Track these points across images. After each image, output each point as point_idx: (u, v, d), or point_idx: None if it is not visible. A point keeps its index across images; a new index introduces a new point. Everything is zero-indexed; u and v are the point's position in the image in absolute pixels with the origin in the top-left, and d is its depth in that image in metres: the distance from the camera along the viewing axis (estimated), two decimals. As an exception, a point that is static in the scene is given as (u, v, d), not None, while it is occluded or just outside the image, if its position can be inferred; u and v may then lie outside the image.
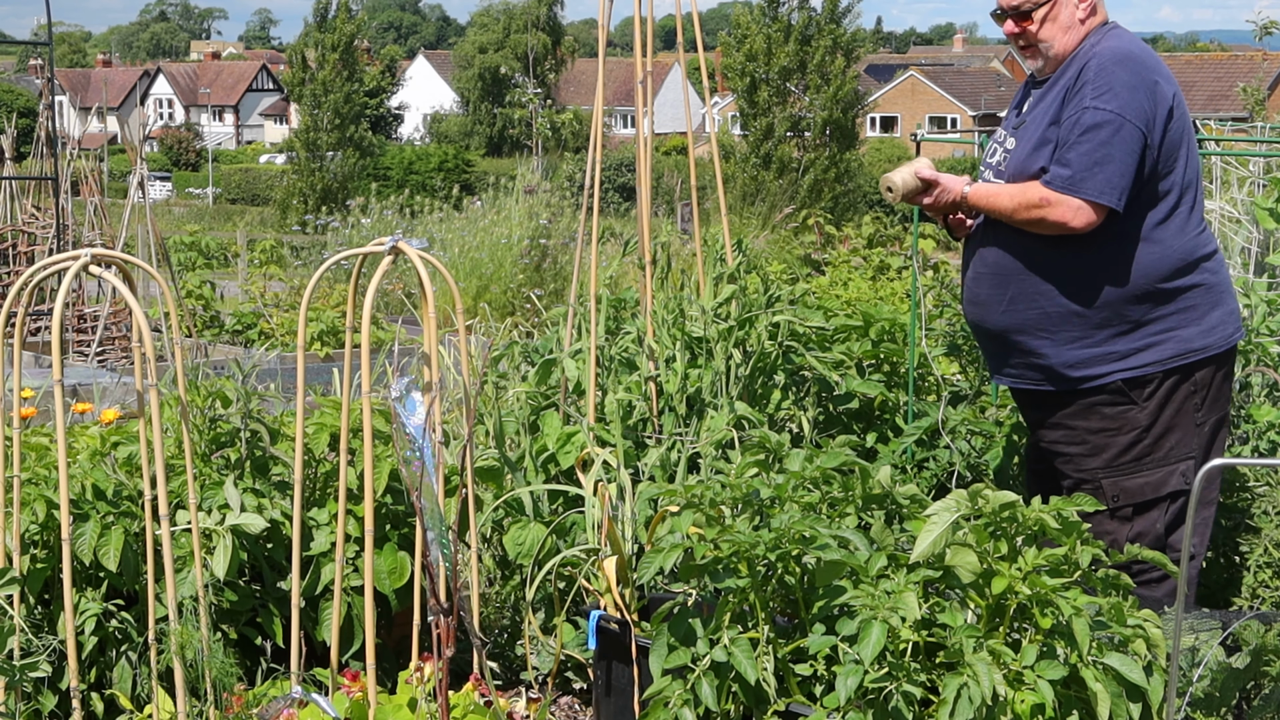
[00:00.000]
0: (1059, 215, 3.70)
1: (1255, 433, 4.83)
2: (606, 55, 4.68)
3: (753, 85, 34.11)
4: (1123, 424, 3.81)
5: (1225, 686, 3.27)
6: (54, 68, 11.31)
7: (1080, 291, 3.78)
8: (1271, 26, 12.26)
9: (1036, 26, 3.82)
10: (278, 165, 55.19)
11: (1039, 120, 3.82)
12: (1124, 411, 3.80)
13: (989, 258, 3.91)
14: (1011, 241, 3.84)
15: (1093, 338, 3.79)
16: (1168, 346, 3.78)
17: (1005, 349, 3.94)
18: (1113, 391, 3.80)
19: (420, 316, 4.07)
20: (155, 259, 11.70)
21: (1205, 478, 3.75)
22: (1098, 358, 3.79)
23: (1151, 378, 3.78)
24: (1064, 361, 3.82)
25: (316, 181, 39.17)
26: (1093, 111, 3.67)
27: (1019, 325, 3.86)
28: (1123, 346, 3.78)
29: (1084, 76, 3.73)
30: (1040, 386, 3.90)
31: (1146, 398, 3.79)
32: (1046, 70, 3.88)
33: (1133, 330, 3.77)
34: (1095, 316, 3.78)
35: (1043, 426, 3.96)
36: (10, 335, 3.62)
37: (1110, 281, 3.76)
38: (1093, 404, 3.83)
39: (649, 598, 3.81)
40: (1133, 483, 3.81)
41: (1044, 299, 3.81)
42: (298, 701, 3.51)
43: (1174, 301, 3.78)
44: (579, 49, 69.64)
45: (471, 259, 14.64)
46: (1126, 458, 3.81)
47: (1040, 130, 3.79)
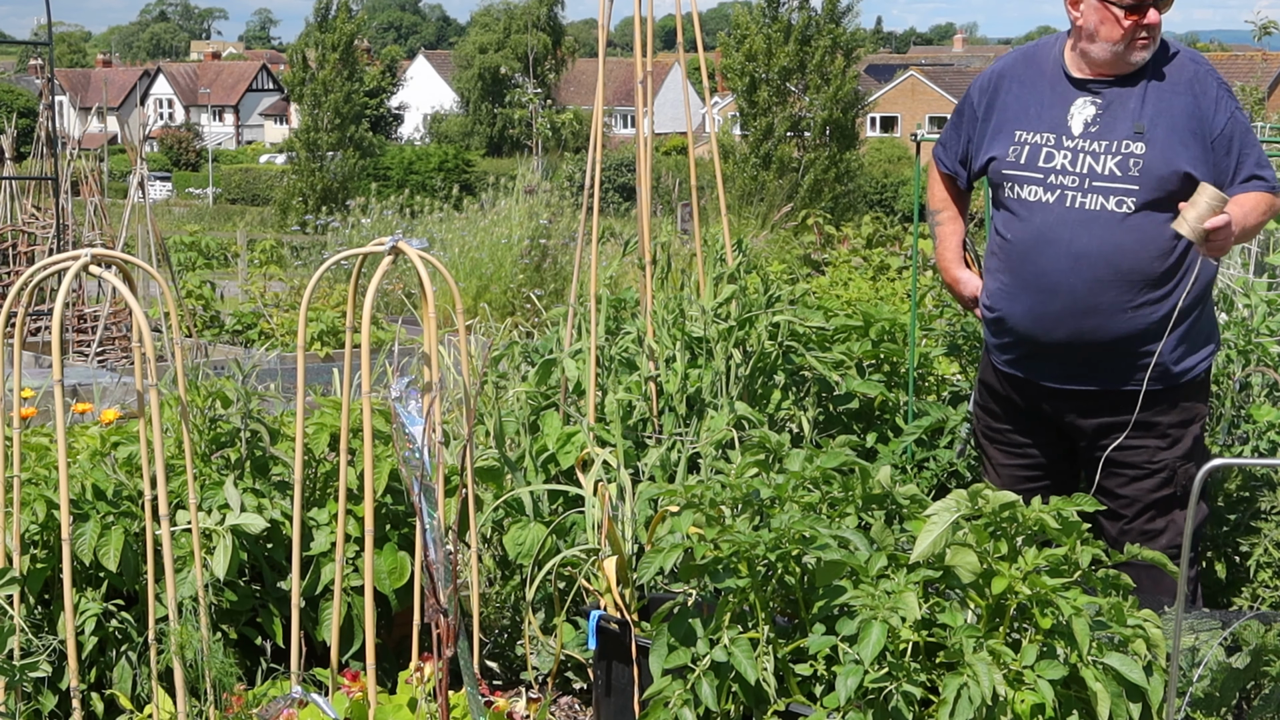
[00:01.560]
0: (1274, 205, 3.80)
1: (1255, 433, 4.83)
2: (606, 55, 4.68)
3: (752, 85, 34.12)
4: (1195, 415, 3.91)
5: (1225, 686, 3.27)
6: (54, 68, 11.31)
7: (1193, 285, 3.78)
8: (1270, 27, 12.27)
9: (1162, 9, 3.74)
10: (278, 165, 55.20)
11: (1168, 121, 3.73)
12: (1198, 402, 3.91)
13: (1122, 263, 3.74)
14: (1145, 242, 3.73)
15: (1191, 332, 3.83)
16: (1214, 332, 3.92)
17: (1112, 356, 3.83)
18: (1198, 383, 3.89)
19: (420, 316, 4.07)
20: (155, 259, 11.70)
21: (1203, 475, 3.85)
22: (1193, 349, 3.85)
23: (1213, 363, 3.93)
24: (1174, 359, 3.82)
25: (316, 181, 39.19)
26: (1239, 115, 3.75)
27: (1143, 328, 3.78)
28: (1202, 335, 3.87)
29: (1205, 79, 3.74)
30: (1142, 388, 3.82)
31: (1210, 384, 3.95)
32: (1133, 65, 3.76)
33: (1205, 319, 3.88)
34: (1196, 308, 3.82)
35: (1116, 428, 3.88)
36: (10, 335, 3.62)
37: (1207, 271, 3.82)
38: (1178, 398, 3.87)
39: (649, 598, 3.81)
40: (1195, 470, 3.85)
41: (1169, 298, 3.76)
42: (298, 701, 3.51)
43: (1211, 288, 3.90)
44: (579, 49, 69.67)
45: (471, 259, 14.64)
46: (1197, 447, 3.91)
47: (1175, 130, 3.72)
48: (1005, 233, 3.91)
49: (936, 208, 4.22)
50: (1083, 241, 3.76)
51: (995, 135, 3.93)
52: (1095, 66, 3.80)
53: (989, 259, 4.01)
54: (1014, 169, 3.87)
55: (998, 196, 3.96)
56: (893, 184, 42.85)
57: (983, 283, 4.05)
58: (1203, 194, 3.61)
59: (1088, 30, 3.77)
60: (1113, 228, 3.74)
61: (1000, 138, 3.91)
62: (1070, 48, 3.87)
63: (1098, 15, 3.74)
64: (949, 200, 4.20)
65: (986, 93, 3.99)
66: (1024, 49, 4.07)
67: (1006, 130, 3.91)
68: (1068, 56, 3.87)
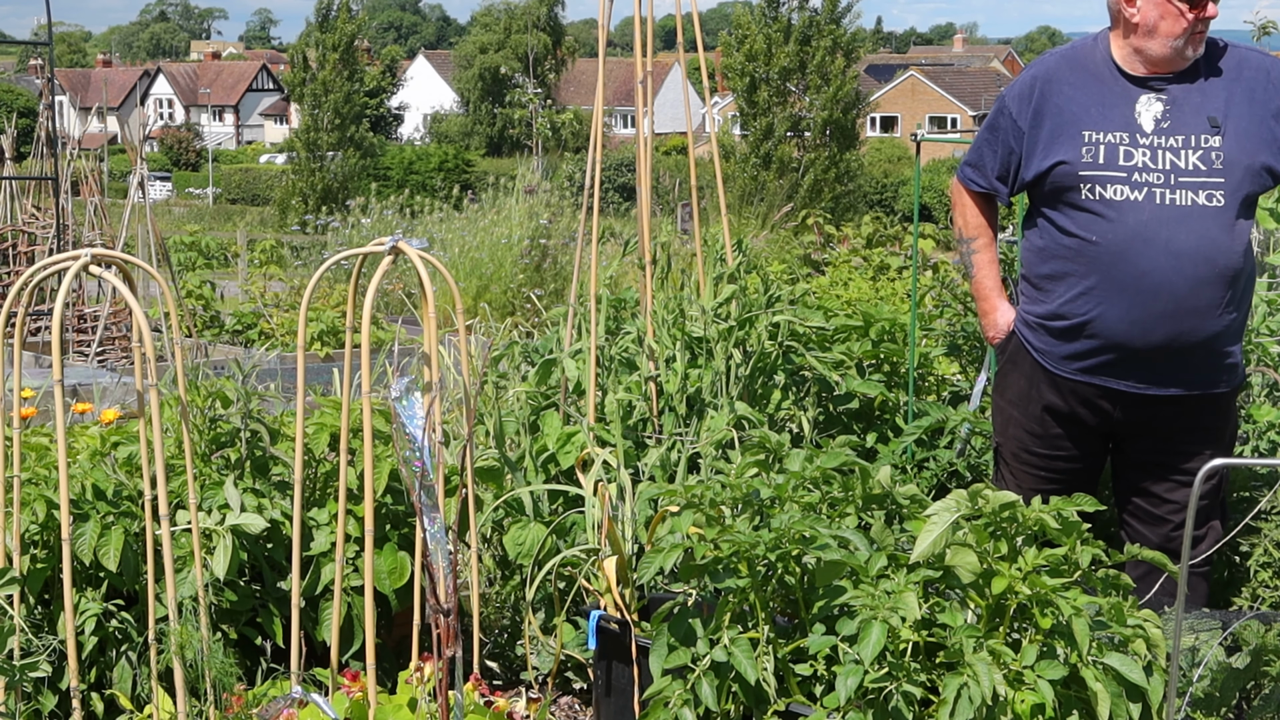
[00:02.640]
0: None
1: (1255, 433, 4.83)
2: (606, 55, 4.68)
3: (753, 85, 34.14)
4: (1233, 413, 3.91)
5: (1225, 686, 3.27)
6: (54, 68, 11.31)
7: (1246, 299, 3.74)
8: (1270, 27, 12.26)
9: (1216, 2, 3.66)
10: (278, 165, 55.21)
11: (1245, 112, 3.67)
12: (1235, 405, 3.90)
13: (1219, 261, 3.63)
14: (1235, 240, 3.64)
15: (1242, 334, 3.80)
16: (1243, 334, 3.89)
17: (1200, 358, 3.73)
18: (1241, 386, 3.88)
19: (420, 316, 4.07)
20: (155, 259, 11.70)
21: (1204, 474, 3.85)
22: (1240, 351, 3.83)
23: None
24: (1238, 359, 3.80)
25: (317, 181, 39.20)
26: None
27: (1228, 327, 3.71)
28: (1244, 341, 3.86)
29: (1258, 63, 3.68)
30: (1214, 390, 3.76)
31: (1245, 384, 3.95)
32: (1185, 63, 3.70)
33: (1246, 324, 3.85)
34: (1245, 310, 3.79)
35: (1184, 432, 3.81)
36: (10, 335, 3.62)
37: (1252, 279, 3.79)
38: (1227, 403, 3.85)
39: (649, 598, 3.81)
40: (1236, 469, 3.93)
41: (1248, 296, 3.73)
42: (298, 701, 3.51)
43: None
44: (579, 49, 69.67)
45: (471, 259, 14.65)
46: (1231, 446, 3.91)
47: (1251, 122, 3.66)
48: (1088, 235, 3.72)
49: (972, 234, 4.01)
50: (1181, 239, 3.63)
51: (1056, 139, 3.77)
52: (1152, 64, 3.71)
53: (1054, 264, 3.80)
54: (1092, 169, 3.71)
55: (1068, 200, 3.77)
56: (893, 184, 42.86)
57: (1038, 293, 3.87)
58: None
59: (1146, 26, 3.67)
60: (1208, 223, 3.62)
61: (1064, 141, 3.75)
62: (1119, 46, 3.77)
63: (1158, 10, 3.65)
64: (984, 226, 4.01)
65: (1029, 100, 3.82)
66: (1059, 52, 3.93)
67: (1070, 132, 3.75)
68: (1118, 55, 3.76)
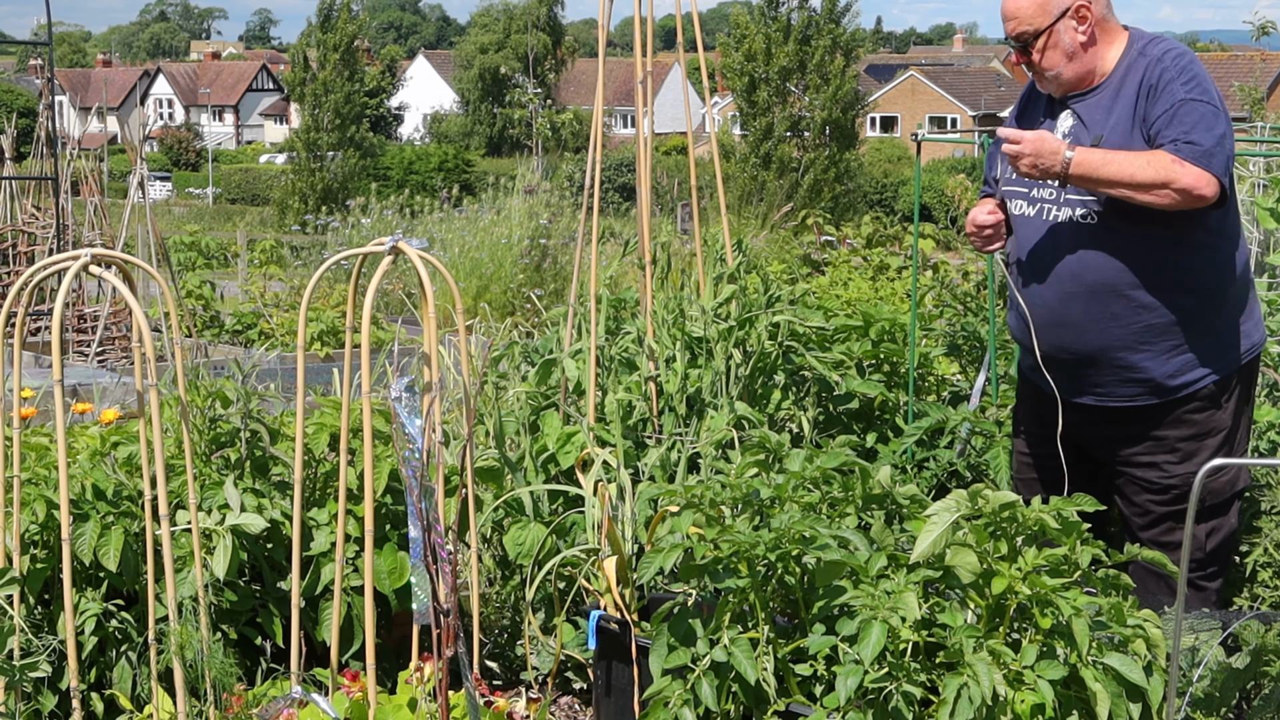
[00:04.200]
0: (1191, 180, 3.58)
1: (1255, 433, 4.83)
2: (606, 55, 4.68)
3: (752, 85, 34.14)
4: (1211, 428, 3.84)
5: (1225, 686, 3.27)
6: (54, 68, 11.31)
7: (1178, 299, 3.74)
8: (1269, 27, 12.26)
9: (1038, 56, 3.82)
10: (278, 165, 55.19)
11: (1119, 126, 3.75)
12: (1211, 415, 3.83)
13: (1086, 277, 3.77)
14: (1112, 254, 3.74)
15: (1189, 344, 3.77)
16: (1244, 343, 3.85)
17: (1095, 369, 3.84)
18: (1204, 397, 3.81)
19: (420, 316, 4.07)
20: (155, 259, 11.70)
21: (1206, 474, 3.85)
22: (1192, 363, 3.78)
23: (1231, 377, 3.83)
24: (1165, 373, 3.78)
25: (317, 181, 39.19)
26: (1193, 103, 3.65)
27: (1118, 342, 3.78)
28: (1211, 348, 3.79)
29: (1163, 75, 3.71)
30: (1134, 402, 3.83)
31: (1228, 398, 3.84)
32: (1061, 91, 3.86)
33: (1219, 331, 3.80)
34: (1191, 321, 3.76)
35: (1123, 440, 3.89)
36: (10, 335, 3.62)
37: (1201, 284, 3.76)
38: (1184, 411, 3.82)
39: (649, 598, 3.81)
40: (1218, 483, 3.86)
41: (1145, 311, 3.75)
42: (298, 701, 3.51)
43: (1239, 297, 3.84)
44: (579, 49, 69.67)
45: (471, 259, 14.64)
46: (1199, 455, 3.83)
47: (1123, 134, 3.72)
48: (1008, 249, 3.98)
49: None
50: (1054, 254, 3.81)
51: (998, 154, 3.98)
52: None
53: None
54: (1008, 185, 3.94)
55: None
56: (892, 184, 42.83)
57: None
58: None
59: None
60: (1079, 239, 3.77)
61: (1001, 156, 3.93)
62: None
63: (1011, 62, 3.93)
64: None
65: (1014, 113, 4.08)
66: None
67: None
68: None
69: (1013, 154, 3.70)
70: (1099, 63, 3.82)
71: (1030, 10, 3.79)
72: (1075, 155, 3.64)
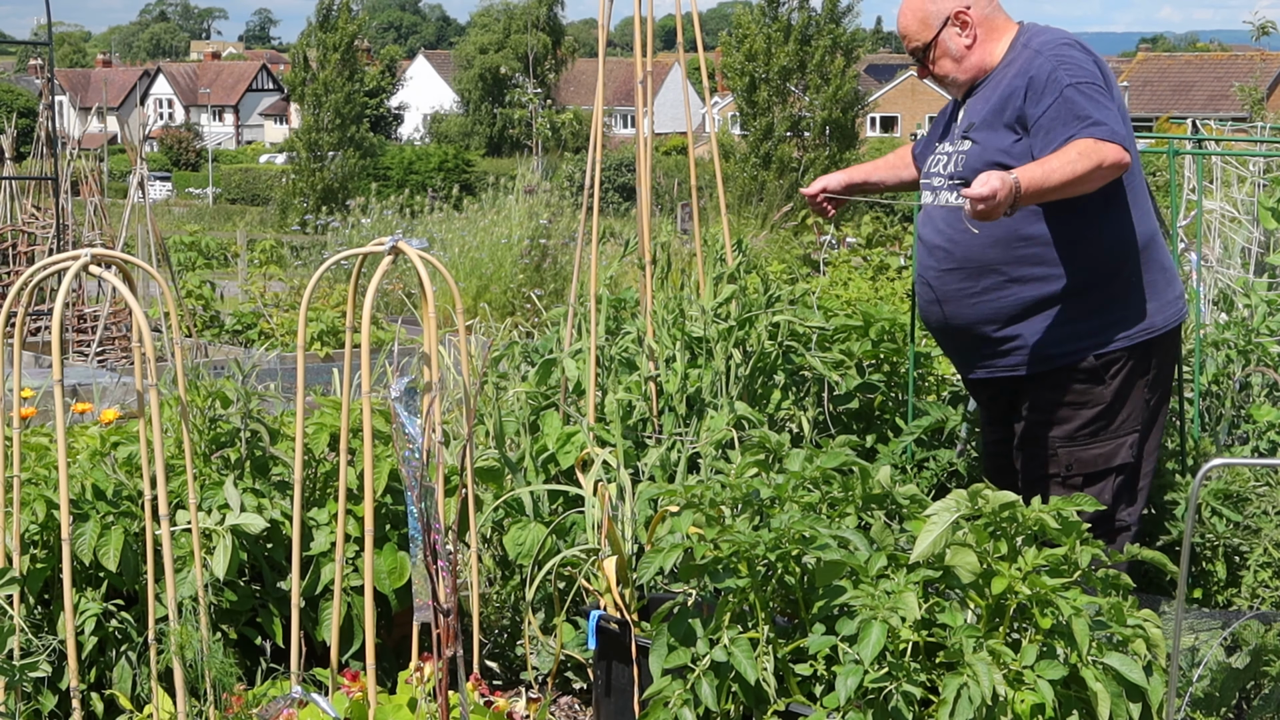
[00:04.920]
0: (1115, 155, 3.71)
1: (1255, 433, 4.83)
2: (606, 55, 4.68)
3: (752, 85, 34.15)
4: (1088, 399, 3.96)
5: (1225, 686, 3.27)
6: (54, 68, 11.31)
7: (1051, 275, 3.89)
8: (1269, 27, 12.25)
9: (933, 66, 4.07)
10: (278, 165, 55.19)
11: (992, 117, 3.94)
12: (1091, 388, 3.95)
13: (957, 252, 3.97)
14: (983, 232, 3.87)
15: (1064, 318, 3.91)
16: (1134, 323, 3.94)
17: (976, 342, 4.03)
18: (1084, 369, 3.94)
19: (420, 316, 4.07)
20: (155, 259, 11.70)
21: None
22: (1069, 336, 3.92)
23: (1119, 354, 3.93)
24: (1039, 344, 3.93)
25: (317, 181, 39.20)
26: (1077, 86, 3.79)
27: (992, 315, 3.95)
28: (1096, 324, 3.92)
29: (1042, 68, 3.86)
30: (1014, 373, 4.00)
31: (1113, 375, 3.94)
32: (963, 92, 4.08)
33: (1104, 309, 3.92)
34: (1069, 299, 3.90)
35: (1013, 413, 4.08)
36: (10, 335, 3.62)
37: (1079, 262, 3.88)
38: (1063, 381, 3.96)
39: (649, 598, 3.81)
40: (1087, 454, 3.97)
41: (1016, 286, 3.91)
42: (298, 701, 3.51)
43: (1137, 280, 3.94)
44: (579, 49, 69.65)
45: (471, 259, 14.64)
46: (1085, 431, 3.97)
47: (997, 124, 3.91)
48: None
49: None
50: (937, 235, 4.04)
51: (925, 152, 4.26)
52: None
53: None
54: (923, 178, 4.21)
55: None
56: (893, 184, 42.70)
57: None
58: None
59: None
60: (954, 220, 3.94)
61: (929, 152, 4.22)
62: None
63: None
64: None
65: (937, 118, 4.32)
66: None
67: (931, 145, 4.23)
68: None
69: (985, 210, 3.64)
70: (987, 59, 4.02)
71: (916, 27, 4.04)
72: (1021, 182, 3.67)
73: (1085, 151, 3.69)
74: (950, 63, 4.03)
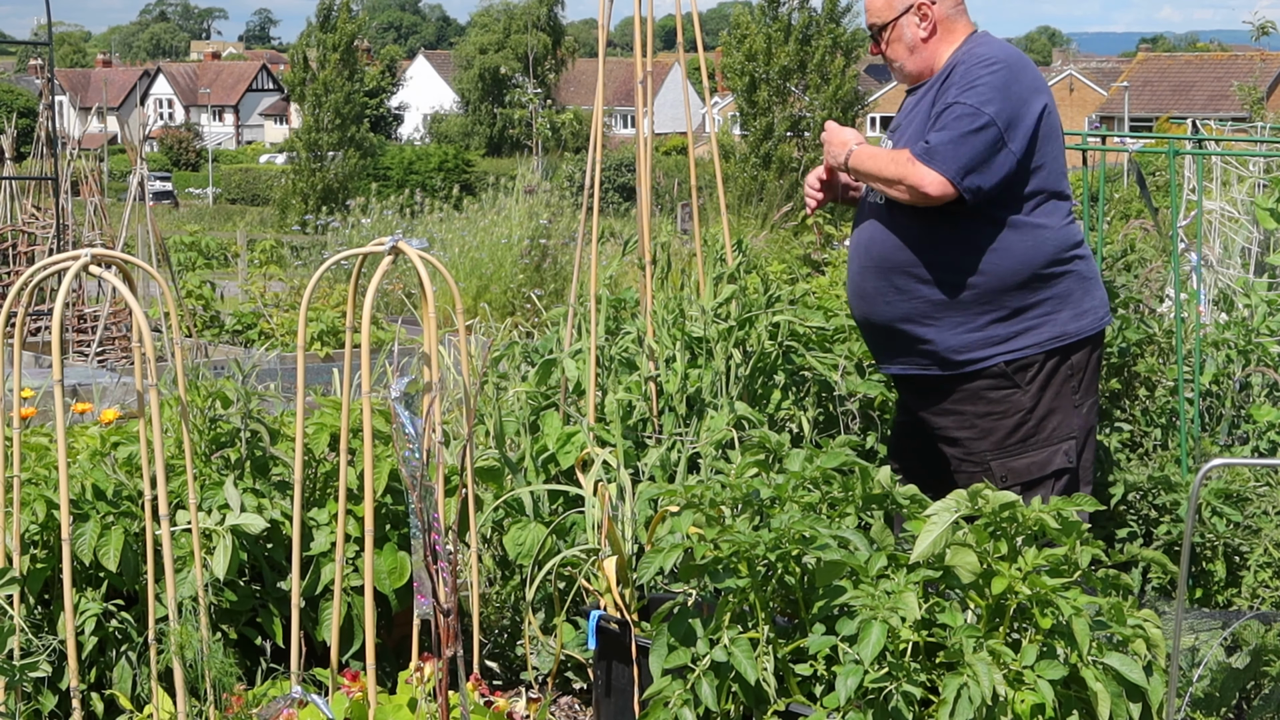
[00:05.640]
0: (917, 179, 3.89)
1: (1255, 433, 4.83)
2: (606, 55, 4.67)
3: (753, 85, 34.14)
4: (1008, 407, 4.02)
5: (1225, 686, 3.27)
6: (54, 68, 11.31)
7: (962, 280, 3.99)
8: (1269, 27, 12.26)
9: (885, 47, 4.15)
10: (278, 165, 55.20)
11: (912, 123, 4.06)
12: (1008, 395, 4.02)
13: (874, 251, 4.08)
14: (895, 234, 4.03)
15: (975, 323, 4.00)
16: (1045, 330, 4.01)
17: (891, 339, 4.12)
18: (996, 375, 4.01)
19: (420, 316, 4.07)
20: (155, 259, 11.70)
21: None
22: (980, 342, 4.01)
23: (1033, 361, 4.01)
24: (949, 346, 4.02)
25: (317, 181, 39.20)
26: (957, 105, 3.92)
27: (904, 315, 4.05)
28: (1004, 331, 4.00)
29: (951, 78, 4.00)
30: (927, 371, 4.09)
31: (1029, 381, 4.01)
32: (909, 82, 4.18)
33: (1013, 315, 4.00)
34: (977, 303, 3.99)
35: (929, 412, 4.15)
36: (10, 335, 3.62)
37: (990, 270, 3.98)
38: (978, 389, 4.03)
39: (649, 598, 3.81)
40: (1020, 463, 4.03)
41: (926, 288, 4.01)
42: (297, 701, 3.51)
43: (1050, 288, 4.01)
44: (579, 49, 69.66)
45: (471, 259, 14.64)
46: (1013, 439, 4.03)
47: (914, 132, 4.02)
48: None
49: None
50: (861, 231, 4.17)
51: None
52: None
53: None
54: None
55: None
56: (893, 184, 42.69)
57: None
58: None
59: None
60: (876, 219, 4.10)
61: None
62: None
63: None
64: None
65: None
66: None
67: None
68: None
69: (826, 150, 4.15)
70: (935, 61, 4.11)
71: (880, 4, 4.13)
72: (855, 150, 4.04)
73: (900, 163, 3.92)
74: (902, 49, 4.12)
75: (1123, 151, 5.64)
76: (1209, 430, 4.91)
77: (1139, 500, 4.50)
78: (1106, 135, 5.56)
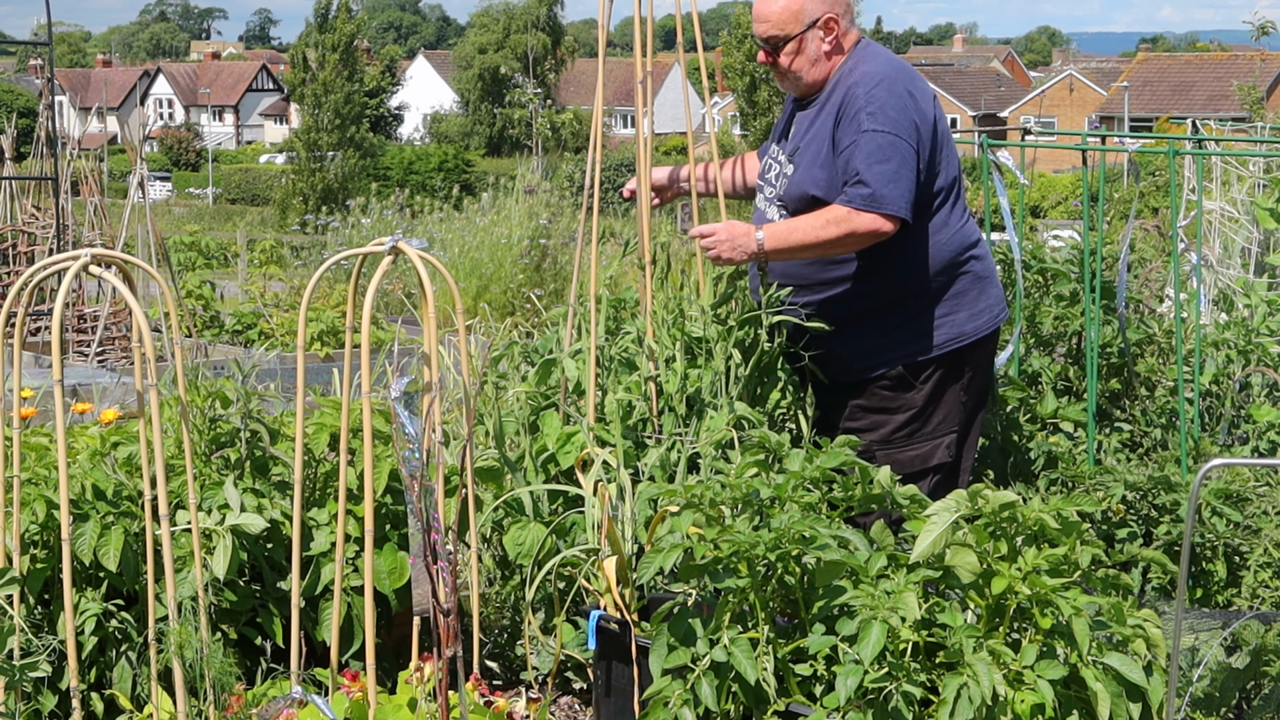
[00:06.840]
0: (868, 225, 3.91)
1: (1255, 433, 4.83)
2: (606, 55, 4.67)
3: (753, 85, 34.19)
4: (900, 405, 4.15)
5: (1225, 686, 3.27)
6: (54, 68, 11.31)
7: (862, 296, 4.09)
8: (1269, 27, 12.26)
9: (787, 59, 4.15)
10: (278, 165, 55.21)
11: (813, 145, 4.10)
12: (901, 394, 4.14)
13: (775, 266, 4.20)
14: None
15: (875, 334, 4.12)
16: (942, 333, 4.12)
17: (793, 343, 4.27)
18: (893, 378, 4.13)
19: (420, 316, 4.07)
20: (155, 259, 11.70)
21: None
22: (880, 349, 4.13)
23: (928, 363, 4.11)
24: (851, 355, 4.15)
25: (317, 181, 39.19)
26: (872, 134, 3.93)
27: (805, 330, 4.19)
28: (902, 337, 4.12)
29: (853, 103, 4.01)
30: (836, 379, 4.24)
31: (923, 380, 4.13)
32: (801, 94, 4.21)
33: (911, 322, 4.11)
34: (876, 316, 4.10)
35: (830, 407, 4.30)
36: (10, 335, 3.62)
37: (888, 283, 4.07)
38: (873, 389, 4.16)
39: (649, 598, 3.81)
40: (904, 456, 4.13)
41: (831, 304, 4.13)
42: (297, 701, 3.51)
43: (946, 292, 4.11)
44: (579, 49, 69.67)
45: (471, 259, 14.63)
46: (900, 434, 4.15)
47: (816, 154, 4.07)
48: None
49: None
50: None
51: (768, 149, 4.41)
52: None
53: None
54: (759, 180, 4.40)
55: None
56: (893, 184, 42.67)
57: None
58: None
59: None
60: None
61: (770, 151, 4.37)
62: None
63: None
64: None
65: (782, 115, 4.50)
66: None
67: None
68: None
69: (706, 247, 4.10)
70: (829, 73, 4.16)
71: (783, 17, 4.12)
72: (765, 235, 4.02)
73: (836, 220, 3.93)
74: (804, 62, 4.14)
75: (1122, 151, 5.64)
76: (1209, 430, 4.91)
77: (1139, 500, 4.50)
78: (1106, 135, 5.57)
